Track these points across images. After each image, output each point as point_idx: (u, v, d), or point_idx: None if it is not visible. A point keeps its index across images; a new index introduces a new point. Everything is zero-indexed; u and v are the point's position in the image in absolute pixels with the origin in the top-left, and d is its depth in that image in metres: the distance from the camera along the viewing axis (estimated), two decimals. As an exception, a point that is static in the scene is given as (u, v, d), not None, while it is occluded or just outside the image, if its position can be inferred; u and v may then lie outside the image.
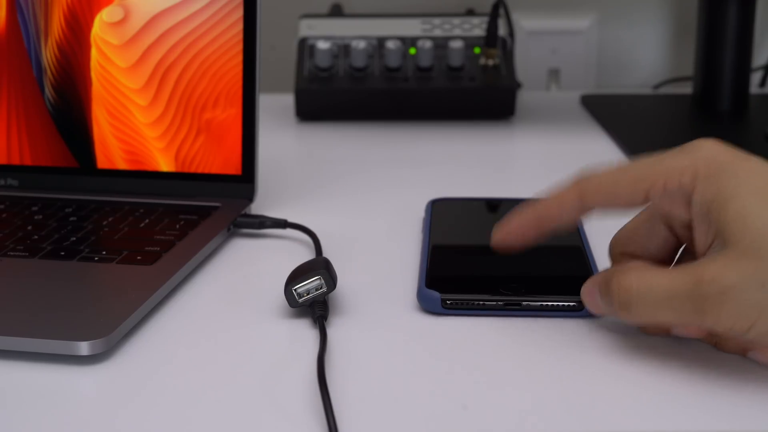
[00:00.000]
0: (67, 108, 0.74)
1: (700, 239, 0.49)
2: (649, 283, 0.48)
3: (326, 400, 0.45)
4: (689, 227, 0.50)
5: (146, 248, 0.62)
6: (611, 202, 0.52)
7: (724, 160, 0.48)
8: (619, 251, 0.55)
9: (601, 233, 0.66)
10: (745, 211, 0.46)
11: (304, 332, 0.54)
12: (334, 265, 0.56)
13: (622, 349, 0.51)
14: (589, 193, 0.52)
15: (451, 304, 0.55)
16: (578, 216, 0.53)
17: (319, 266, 0.55)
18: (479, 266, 0.60)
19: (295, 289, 0.54)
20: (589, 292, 0.52)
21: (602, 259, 0.61)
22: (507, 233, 0.56)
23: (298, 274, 0.55)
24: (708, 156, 0.49)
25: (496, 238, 0.56)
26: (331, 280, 0.55)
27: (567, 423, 0.45)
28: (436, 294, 0.55)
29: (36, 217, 0.68)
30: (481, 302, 0.55)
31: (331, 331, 0.54)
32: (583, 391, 0.48)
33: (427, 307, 0.56)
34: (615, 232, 0.55)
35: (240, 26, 0.71)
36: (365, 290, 0.59)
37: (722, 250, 0.46)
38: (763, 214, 0.46)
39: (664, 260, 0.54)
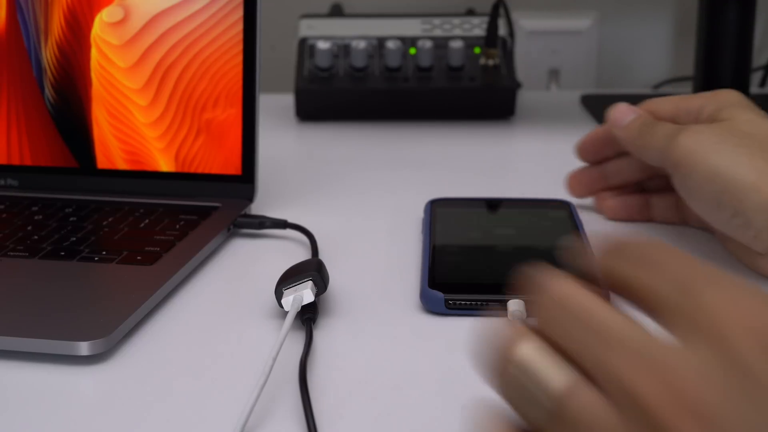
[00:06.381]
0: (67, 108, 0.74)
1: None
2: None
3: (306, 403, 0.45)
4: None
5: (146, 248, 0.62)
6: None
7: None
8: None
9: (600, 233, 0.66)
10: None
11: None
12: (334, 265, 0.56)
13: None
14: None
15: (454, 304, 0.55)
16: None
17: (311, 268, 0.55)
18: (481, 266, 0.60)
19: (284, 291, 0.54)
20: (626, 110, 0.64)
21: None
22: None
23: (288, 276, 0.55)
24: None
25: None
26: (322, 282, 0.54)
27: (568, 423, 0.45)
28: (439, 294, 0.55)
29: (36, 217, 0.68)
30: (485, 302, 0.55)
31: (333, 331, 0.54)
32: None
33: (430, 307, 0.56)
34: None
35: (240, 26, 0.71)
36: (366, 290, 0.59)
37: None
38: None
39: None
